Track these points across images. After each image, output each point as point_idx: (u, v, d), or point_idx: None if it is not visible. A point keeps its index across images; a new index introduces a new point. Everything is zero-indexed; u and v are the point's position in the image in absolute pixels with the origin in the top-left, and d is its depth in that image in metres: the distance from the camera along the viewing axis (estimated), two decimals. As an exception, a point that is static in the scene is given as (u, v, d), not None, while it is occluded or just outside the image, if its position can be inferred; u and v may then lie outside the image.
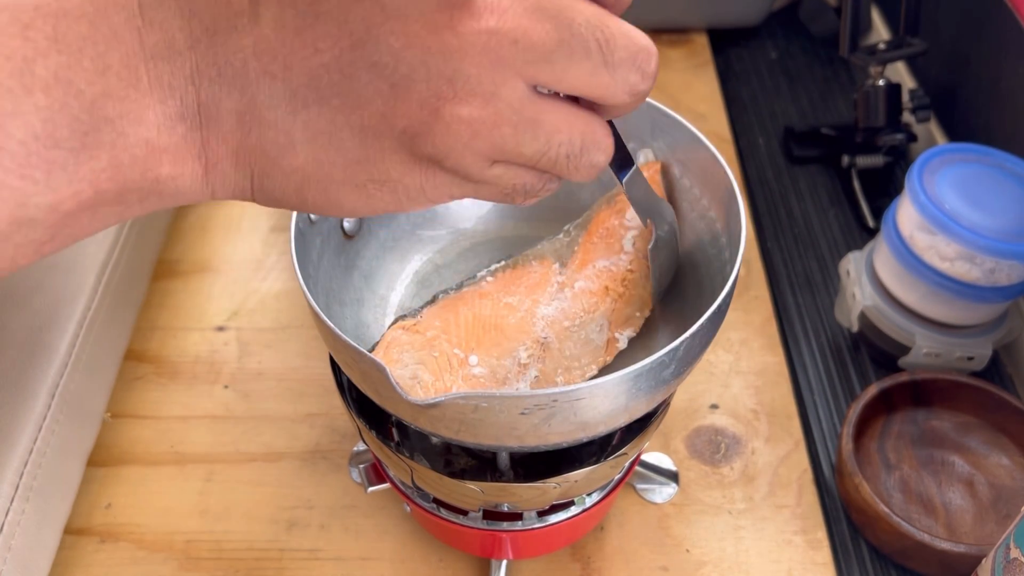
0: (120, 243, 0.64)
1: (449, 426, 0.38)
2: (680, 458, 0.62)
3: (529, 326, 0.47)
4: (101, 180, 0.28)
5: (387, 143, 0.29)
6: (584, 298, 0.49)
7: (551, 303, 0.49)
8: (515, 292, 0.49)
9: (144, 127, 0.28)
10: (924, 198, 0.59)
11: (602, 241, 0.51)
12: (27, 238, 0.27)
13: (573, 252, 0.51)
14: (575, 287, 0.49)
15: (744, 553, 0.57)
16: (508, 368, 0.46)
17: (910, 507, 0.59)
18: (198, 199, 0.31)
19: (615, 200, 0.52)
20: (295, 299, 0.72)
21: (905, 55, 0.75)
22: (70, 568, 0.57)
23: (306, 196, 0.31)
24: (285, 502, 0.60)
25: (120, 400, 0.65)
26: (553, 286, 0.49)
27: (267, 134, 0.29)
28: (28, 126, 0.26)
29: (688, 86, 0.92)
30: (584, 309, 0.48)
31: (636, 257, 0.50)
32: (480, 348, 0.46)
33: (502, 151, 0.30)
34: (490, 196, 0.32)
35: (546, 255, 0.51)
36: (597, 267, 0.50)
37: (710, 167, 0.47)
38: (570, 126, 0.30)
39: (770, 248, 0.78)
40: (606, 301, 0.49)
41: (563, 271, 0.50)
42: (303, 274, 0.42)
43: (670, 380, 0.40)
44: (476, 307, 0.47)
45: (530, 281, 0.49)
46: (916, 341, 0.63)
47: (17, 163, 0.26)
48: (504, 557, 0.54)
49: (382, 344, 0.45)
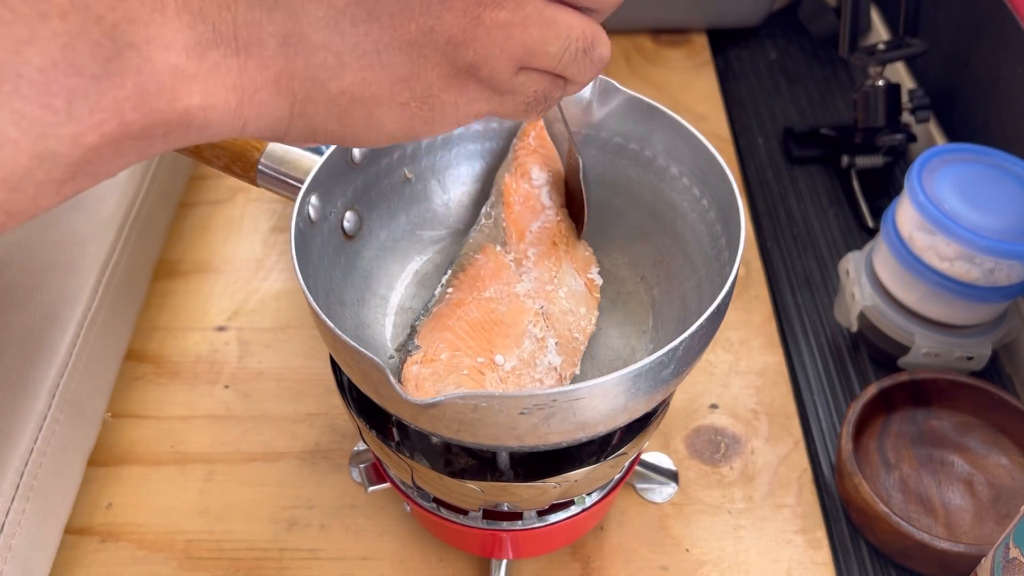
0: (121, 243, 0.64)
1: (449, 426, 0.38)
2: (680, 458, 0.62)
3: (521, 306, 0.48)
4: (125, 110, 0.26)
5: (433, 56, 0.31)
6: (544, 261, 0.51)
7: (522, 279, 0.50)
8: (485, 287, 0.49)
9: (172, 52, 0.27)
10: (923, 198, 0.59)
11: (523, 207, 0.52)
12: (49, 175, 0.26)
13: (504, 229, 0.52)
14: (530, 256, 0.51)
15: (744, 553, 0.57)
16: (532, 349, 0.47)
17: (909, 507, 0.59)
18: (227, 134, 0.30)
19: (512, 166, 0.53)
20: (295, 299, 0.72)
21: (905, 55, 0.75)
22: (70, 568, 0.57)
23: (348, 120, 0.31)
24: (285, 502, 0.60)
25: (120, 400, 0.66)
26: (510, 266, 0.50)
27: (315, 56, 0.29)
28: (46, 52, 0.25)
29: (688, 86, 0.92)
30: (551, 269, 0.50)
31: (554, 206, 0.53)
32: (497, 346, 0.46)
33: (531, 52, 0.32)
34: (512, 108, 0.34)
35: (484, 243, 0.51)
36: (534, 231, 0.52)
37: (710, 167, 0.47)
38: (581, 23, 0.33)
39: (770, 248, 0.78)
40: (559, 253, 0.51)
41: (508, 249, 0.51)
42: (303, 274, 0.42)
43: (669, 380, 0.40)
44: (463, 315, 0.47)
45: (489, 271, 0.50)
46: (916, 341, 0.63)
47: (36, 91, 0.25)
48: (504, 557, 0.54)
49: (410, 384, 0.45)
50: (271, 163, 0.49)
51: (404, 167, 0.53)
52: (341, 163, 0.48)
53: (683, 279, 0.50)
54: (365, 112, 0.31)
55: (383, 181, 0.52)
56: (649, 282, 0.52)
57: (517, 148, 0.52)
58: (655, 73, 0.93)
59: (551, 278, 0.50)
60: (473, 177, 0.55)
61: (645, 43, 0.97)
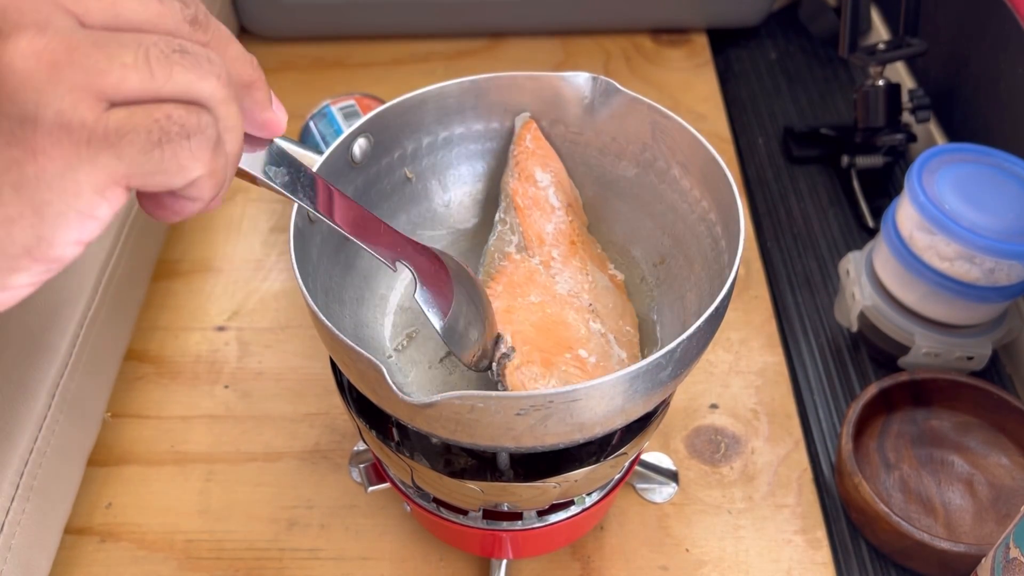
0: (120, 243, 0.64)
1: (446, 426, 0.38)
2: (680, 458, 0.62)
3: (571, 305, 0.49)
4: None
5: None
6: (570, 261, 0.51)
7: (557, 281, 0.50)
8: (526, 292, 0.49)
9: None
10: (923, 198, 0.59)
11: (534, 210, 0.52)
12: None
13: (522, 234, 0.51)
14: (555, 257, 0.51)
15: (744, 552, 0.57)
16: (601, 344, 0.47)
17: (909, 507, 0.59)
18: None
19: (515, 171, 0.53)
20: (295, 299, 0.72)
21: (905, 55, 0.75)
22: (70, 568, 0.57)
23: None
24: (285, 502, 0.60)
25: (120, 400, 0.66)
26: (540, 269, 0.50)
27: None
28: None
29: (688, 86, 0.92)
30: (580, 269, 0.50)
31: (562, 205, 0.53)
32: (572, 343, 0.47)
33: (110, 82, 0.24)
34: (144, 162, 0.25)
35: (505, 250, 0.51)
36: (550, 233, 0.51)
37: (709, 168, 0.47)
38: (154, 26, 0.25)
39: (770, 248, 0.78)
40: (580, 252, 0.51)
41: (532, 253, 0.51)
42: (302, 274, 0.42)
43: (667, 381, 0.40)
44: (524, 320, 0.47)
45: (523, 277, 0.50)
46: (916, 341, 0.63)
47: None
48: (504, 557, 0.54)
49: (520, 390, 0.45)
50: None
51: (405, 167, 0.53)
52: (341, 162, 0.48)
53: (683, 280, 0.50)
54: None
55: (383, 181, 0.52)
56: (649, 283, 0.52)
57: (516, 153, 0.52)
58: (655, 73, 0.93)
59: (584, 277, 0.50)
60: (474, 177, 0.55)
61: (645, 43, 0.97)
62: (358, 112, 0.74)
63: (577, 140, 0.53)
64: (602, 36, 0.97)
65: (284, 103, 0.33)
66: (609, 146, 0.53)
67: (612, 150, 0.53)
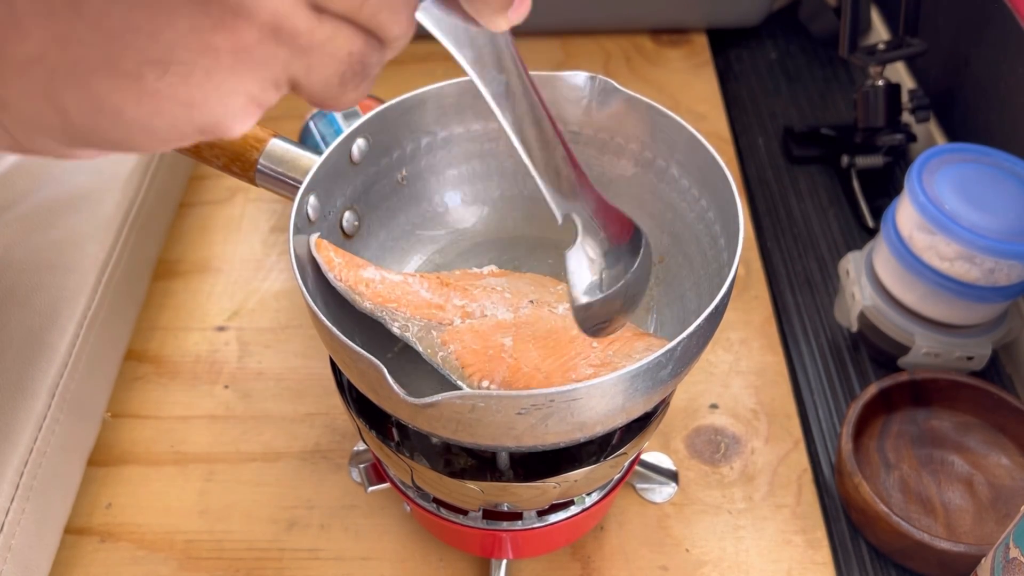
0: (120, 243, 0.64)
1: (446, 426, 0.38)
2: (680, 458, 0.62)
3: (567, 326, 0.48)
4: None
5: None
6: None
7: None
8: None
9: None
10: (923, 198, 0.59)
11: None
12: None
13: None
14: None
15: (744, 553, 0.57)
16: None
17: (909, 507, 0.59)
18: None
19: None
20: (295, 299, 0.72)
21: (905, 55, 0.75)
22: (70, 568, 0.57)
23: (62, 100, 0.23)
24: (285, 502, 0.60)
25: (120, 400, 0.66)
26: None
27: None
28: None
29: (688, 86, 0.92)
30: None
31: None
32: (561, 353, 0.46)
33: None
34: (321, 78, 0.25)
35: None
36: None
37: (709, 168, 0.47)
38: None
39: (770, 248, 0.78)
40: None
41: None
42: (302, 274, 0.42)
43: (667, 380, 0.40)
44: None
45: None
46: (916, 341, 0.63)
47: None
48: (504, 557, 0.54)
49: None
50: (270, 163, 0.49)
51: (404, 167, 0.53)
52: (340, 163, 0.48)
53: (682, 279, 0.50)
54: (80, 85, 0.22)
55: (382, 181, 0.52)
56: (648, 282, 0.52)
57: None
58: (655, 73, 0.93)
59: None
60: (473, 177, 0.55)
61: (645, 43, 0.97)
62: (357, 112, 0.74)
63: (576, 139, 0.53)
64: (602, 36, 0.97)
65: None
66: (608, 145, 0.53)
67: (611, 149, 0.53)
